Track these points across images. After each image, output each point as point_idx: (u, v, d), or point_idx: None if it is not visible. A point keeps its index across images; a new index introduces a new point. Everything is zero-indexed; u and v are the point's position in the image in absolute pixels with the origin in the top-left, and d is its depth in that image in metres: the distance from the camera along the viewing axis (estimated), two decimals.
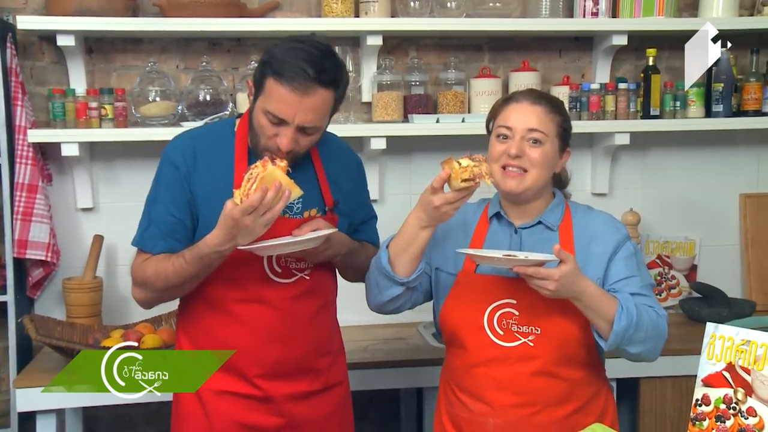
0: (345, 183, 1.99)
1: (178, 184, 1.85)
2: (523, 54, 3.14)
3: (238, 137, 1.89)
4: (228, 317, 1.90)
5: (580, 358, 1.82)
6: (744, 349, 1.50)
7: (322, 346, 1.99)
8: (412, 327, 3.02)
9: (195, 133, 1.96)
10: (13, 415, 2.72)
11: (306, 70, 1.70)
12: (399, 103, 2.94)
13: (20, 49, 2.85)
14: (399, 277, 1.82)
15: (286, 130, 1.75)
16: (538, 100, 1.84)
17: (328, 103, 1.78)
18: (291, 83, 1.71)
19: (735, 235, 3.34)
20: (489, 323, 1.82)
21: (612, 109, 3.05)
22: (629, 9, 3.02)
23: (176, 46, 2.98)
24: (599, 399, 1.89)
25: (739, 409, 1.49)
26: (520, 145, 1.80)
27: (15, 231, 2.74)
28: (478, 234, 1.90)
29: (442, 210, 1.72)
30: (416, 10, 2.93)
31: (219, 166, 1.86)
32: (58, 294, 2.94)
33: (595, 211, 1.93)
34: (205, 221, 1.84)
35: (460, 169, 1.68)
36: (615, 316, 1.70)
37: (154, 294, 1.89)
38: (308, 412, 1.96)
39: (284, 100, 1.72)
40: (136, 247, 1.92)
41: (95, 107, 2.78)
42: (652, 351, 1.79)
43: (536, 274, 1.65)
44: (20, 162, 2.74)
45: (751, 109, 3.11)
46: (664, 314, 1.81)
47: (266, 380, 1.91)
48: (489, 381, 1.82)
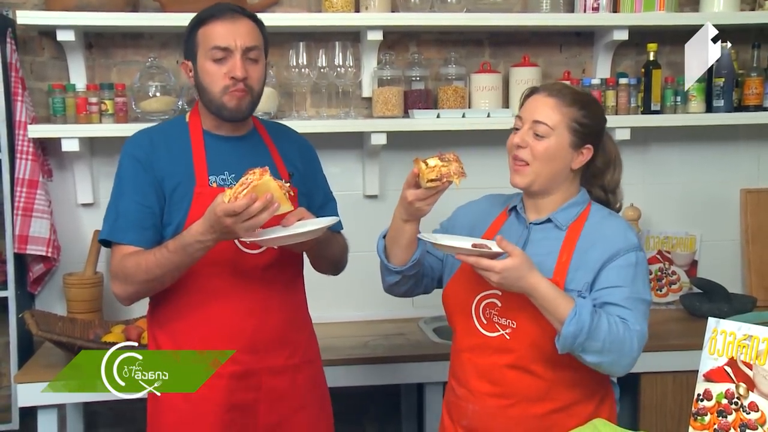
0: (297, 161, 2.05)
1: (140, 173, 1.90)
2: (523, 49, 3.13)
3: (191, 122, 1.98)
4: (202, 294, 1.91)
5: (557, 358, 1.75)
6: (746, 344, 1.50)
7: (296, 318, 2.04)
8: (413, 322, 3.02)
9: (149, 129, 2.04)
10: (14, 410, 2.72)
11: (226, 6, 1.90)
12: (399, 99, 2.94)
13: (20, 45, 2.84)
14: (393, 266, 1.85)
15: (234, 60, 1.86)
16: (555, 92, 1.81)
17: (257, 31, 1.92)
18: (220, 17, 1.88)
19: (736, 231, 3.34)
20: (476, 311, 1.84)
21: (613, 104, 3.05)
22: (630, 4, 3.01)
23: (176, 42, 2.97)
24: (588, 404, 1.84)
25: (741, 404, 1.49)
26: (524, 135, 1.79)
27: (15, 226, 2.74)
28: (495, 225, 1.91)
29: (416, 206, 1.73)
30: (417, 5, 2.93)
31: (177, 149, 1.93)
32: (58, 289, 2.94)
33: (614, 217, 1.87)
34: (170, 204, 1.89)
35: (427, 170, 1.69)
36: (566, 319, 1.65)
37: (134, 287, 1.88)
38: (287, 387, 1.99)
39: (220, 32, 1.86)
40: (107, 240, 1.93)
41: (95, 102, 2.78)
42: (613, 364, 1.71)
43: (476, 264, 1.66)
44: (20, 157, 2.74)
45: (752, 104, 3.11)
46: (638, 330, 1.71)
47: (245, 354, 1.92)
48: (471, 368, 1.85)
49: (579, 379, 1.81)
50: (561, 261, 1.78)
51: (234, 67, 1.85)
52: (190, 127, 1.97)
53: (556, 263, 1.78)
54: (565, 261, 1.78)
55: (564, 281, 1.76)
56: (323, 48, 2.91)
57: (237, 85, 1.86)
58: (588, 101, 1.84)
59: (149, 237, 1.88)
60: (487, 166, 2.65)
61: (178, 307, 1.94)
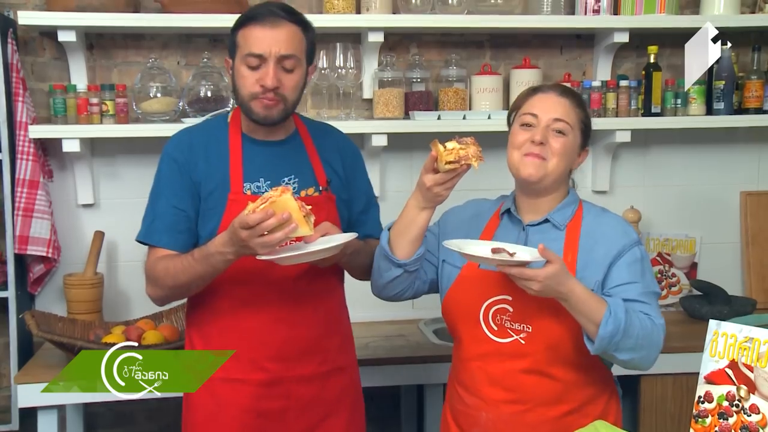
0: (338, 165, 2.02)
1: (178, 176, 1.89)
2: (524, 51, 3.14)
3: (231, 125, 1.95)
4: (233, 301, 1.92)
5: (573, 359, 1.79)
6: (747, 347, 1.51)
7: (329, 327, 2.01)
8: (413, 324, 3.02)
9: (191, 128, 2.03)
10: (14, 410, 2.72)
11: (270, 9, 1.84)
12: (400, 100, 2.94)
13: (21, 45, 2.85)
14: (398, 259, 1.81)
15: (267, 68, 1.82)
16: (564, 93, 1.84)
17: (299, 38, 1.86)
18: (260, 21, 1.83)
19: (736, 233, 3.34)
20: (485, 318, 1.82)
21: (613, 106, 3.05)
22: (631, 6, 3.02)
23: (177, 42, 2.98)
24: (598, 402, 1.86)
25: (742, 406, 1.50)
26: (545, 132, 1.79)
27: (16, 227, 2.74)
28: (489, 230, 1.90)
29: (434, 191, 1.72)
30: (417, 6, 2.93)
31: (215, 154, 1.91)
32: (58, 290, 2.94)
33: (608, 213, 1.89)
34: (205, 210, 1.89)
35: (445, 152, 1.68)
36: (602, 320, 1.66)
37: (164, 291, 1.91)
38: (316, 395, 1.98)
39: (257, 37, 1.82)
40: (143, 242, 1.94)
41: (96, 103, 2.78)
42: (644, 360, 1.76)
43: (520, 275, 1.63)
44: (21, 158, 2.74)
45: (753, 107, 3.11)
46: (661, 323, 1.76)
47: (274, 362, 1.92)
48: (482, 375, 1.83)
49: (590, 379, 1.84)
50: (567, 261, 1.77)
51: (265, 75, 1.81)
52: (230, 130, 1.94)
53: None
54: (571, 261, 1.78)
55: None
56: (324, 49, 2.91)
57: (266, 93, 1.82)
58: (585, 102, 1.89)
59: (183, 241, 1.88)
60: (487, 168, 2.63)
61: (210, 311, 1.95)
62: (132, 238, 2.91)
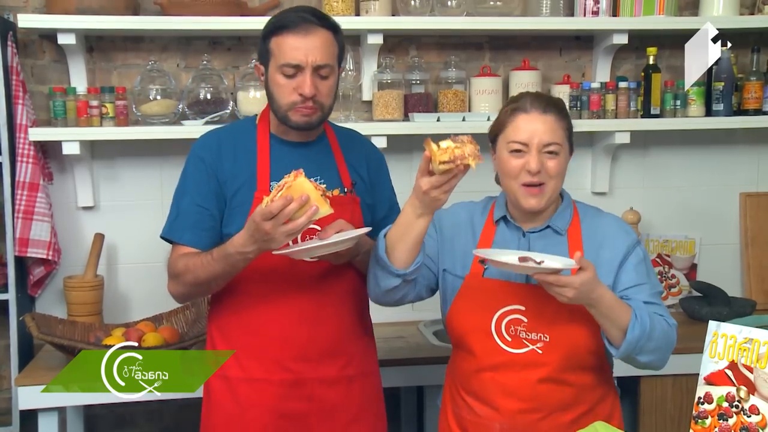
0: (363, 170, 2.03)
1: (204, 176, 1.92)
2: (523, 53, 3.14)
3: (259, 127, 1.97)
4: (257, 300, 1.93)
5: (587, 363, 1.81)
6: (746, 347, 1.51)
7: (353, 328, 2.02)
8: (412, 325, 3.02)
9: (219, 129, 2.06)
10: (14, 413, 2.72)
11: (302, 15, 1.85)
12: (399, 102, 2.94)
13: (21, 48, 2.85)
14: (396, 268, 1.74)
15: (304, 77, 1.83)
16: (548, 108, 1.79)
17: (332, 44, 1.87)
18: (294, 29, 1.83)
19: (735, 234, 3.34)
20: (497, 329, 1.80)
21: (612, 108, 3.05)
22: (630, 8, 3.02)
23: (177, 45, 2.98)
24: (606, 402, 1.88)
25: (742, 407, 1.50)
26: (539, 158, 1.76)
27: (16, 229, 2.74)
28: (486, 237, 1.88)
29: (431, 195, 1.63)
30: (417, 8, 2.93)
31: (243, 153, 1.93)
32: (59, 292, 2.94)
33: (604, 213, 1.90)
34: (231, 209, 1.90)
35: (439, 151, 1.58)
36: (629, 324, 1.68)
37: (184, 288, 1.93)
38: (340, 399, 1.98)
39: (293, 46, 1.82)
40: (166, 238, 1.96)
41: (96, 106, 2.78)
42: (660, 360, 1.79)
43: (557, 282, 1.62)
44: (21, 160, 2.74)
45: (752, 108, 3.11)
46: (674, 323, 1.79)
47: (297, 362, 1.93)
48: (496, 386, 1.81)
49: (598, 380, 1.86)
50: None
51: (303, 84, 1.83)
52: (258, 131, 1.96)
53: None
54: None
55: None
56: None
57: (305, 102, 1.84)
58: (564, 106, 1.86)
59: (206, 239, 1.90)
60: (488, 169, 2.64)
61: (231, 308, 1.96)
62: (131, 239, 2.91)
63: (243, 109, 2.86)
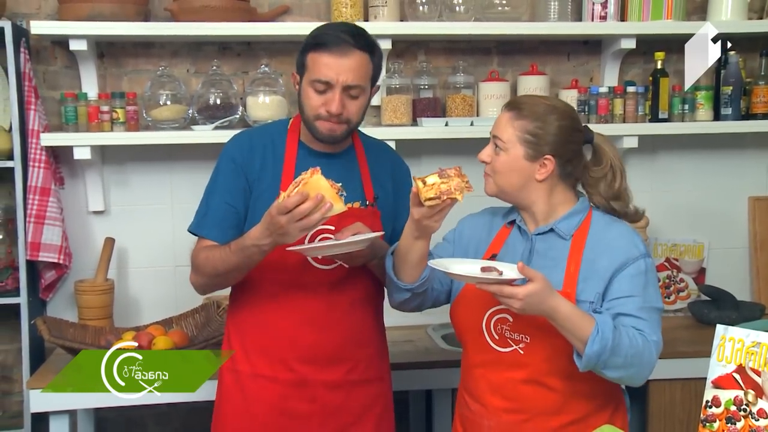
0: (387, 182, 2.06)
1: (234, 174, 1.96)
2: (531, 57, 3.15)
3: (290, 132, 2.01)
4: (269, 299, 1.99)
5: (571, 371, 1.75)
6: (754, 351, 1.51)
7: (360, 336, 2.05)
8: (421, 329, 3.03)
9: (251, 130, 2.13)
10: (26, 415, 2.74)
11: (341, 36, 1.87)
12: (408, 107, 2.96)
13: (33, 54, 2.88)
14: (403, 283, 1.83)
15: (333, 94, 1.87)
16: (513, 106, 1.83)
17: (366, 66, 1.90)
18: (330, 48, 1.86)
19: (744, 238, 3.34)
20: (487, 327, 1.83)
21: (620, 112, 3.06)
22: (638, 12, 3.03)
23: (187, 51, 3.01)
24: (602, 414, 1.84)
25: (750, 411, 1.50)
26: (489, 150, 1.84)
27: (28, 234, 2.76)
28: (498, 239, 1.90)
29: (423, 223, 1.71)
30: (425, 14, 2.95)
31: (272, 158, 1.97)
32: (70, 296, 2.96)
33: (617, 223, 1.85)
34: (253, 209, 1.95)
35: (425, 188, 1.64)
36: (588, 339, 1.64)
37: (204, 279, 1.98)
38: (341, 401, 2.02)
39: (326, 64, 1.86)
40: (194, 233, 2.01)
41: (107, 111, 2.80)
42: (634, 377, 1.73)
43: (500, 292, 1.62)
44: (33, 165, 2.77)
45: (760, 113, 3.11)
46: (655, 341, 1.72)
47: (302, 364, 1.98)
48: (485, 383, 1.85)
49: (593, 390, 1.81)
50: (569, 271, 1.77)
51: (331, 101, 1.87)
52: (288, 136, 2.00)
53: (565, 274, 1.78)
54: (574, 271, 1.78)
55: (575, 292, 1.76)
56: None
57: (331, 118, 1.88)
58: (545, 112, 1.79)
59: (231, 236, 1.94)
60: None
61: (247, 306, 2.02)
62: (142, 243, 2.93)
63: (252, 114, 2.88)
